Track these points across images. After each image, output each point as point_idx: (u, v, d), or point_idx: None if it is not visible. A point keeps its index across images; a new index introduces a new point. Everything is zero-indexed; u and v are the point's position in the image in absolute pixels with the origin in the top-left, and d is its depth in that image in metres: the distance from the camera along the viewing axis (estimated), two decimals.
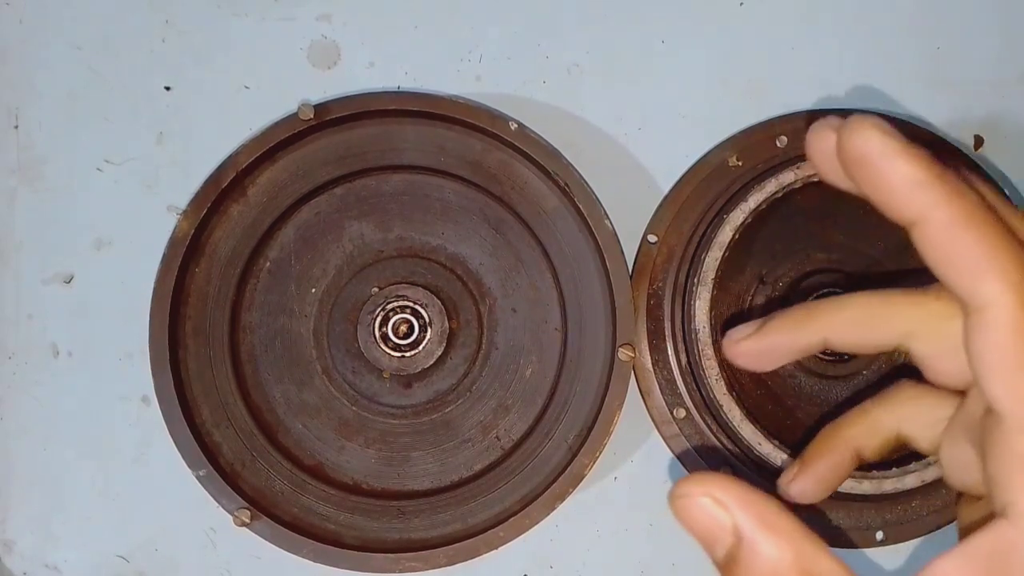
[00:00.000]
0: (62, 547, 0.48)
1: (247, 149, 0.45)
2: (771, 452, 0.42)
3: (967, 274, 0.22)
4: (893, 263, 0.48)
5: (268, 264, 0.47)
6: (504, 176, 0.47)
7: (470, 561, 0.43)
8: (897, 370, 0.47)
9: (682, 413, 0.46)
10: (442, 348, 0.46)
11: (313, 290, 0.47)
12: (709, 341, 0.43)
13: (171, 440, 0.44)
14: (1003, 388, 0.21)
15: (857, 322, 0.27)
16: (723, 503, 0.22)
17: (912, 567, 0.47)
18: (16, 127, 0.49)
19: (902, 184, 0.22)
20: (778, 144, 0.48)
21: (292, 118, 0.45)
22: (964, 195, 0.22)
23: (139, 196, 0.48)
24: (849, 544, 0.46)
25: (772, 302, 0.47)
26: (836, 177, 0.25)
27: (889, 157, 0.22)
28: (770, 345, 0.29)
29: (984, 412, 0.23)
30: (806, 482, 0.32)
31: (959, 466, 0.26)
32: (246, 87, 0.49)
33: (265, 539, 0.43)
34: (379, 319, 0.46)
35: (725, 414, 0.42)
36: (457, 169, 0.47)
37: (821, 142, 0.24)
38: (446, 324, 0.46)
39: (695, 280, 0.44)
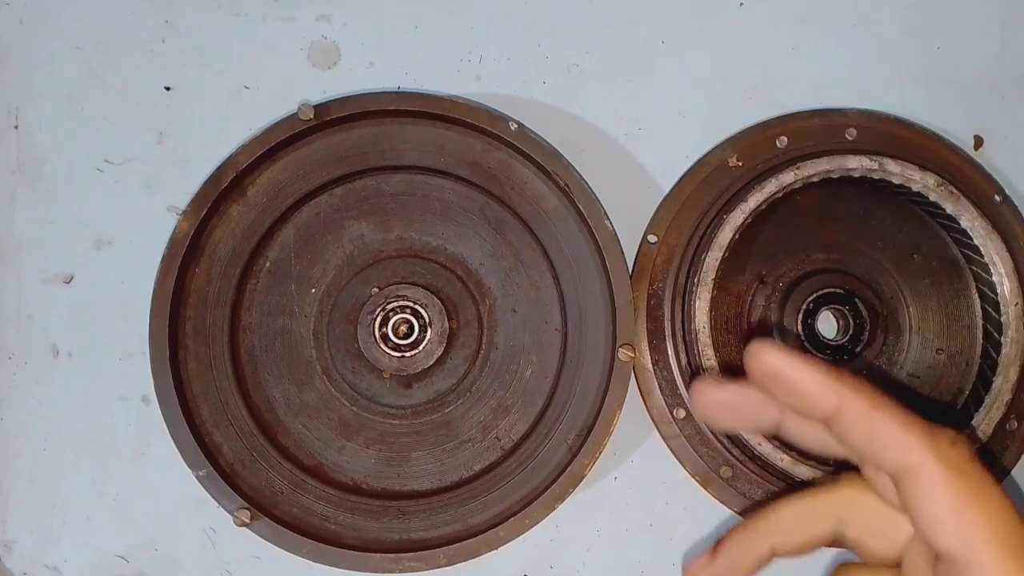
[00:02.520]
0: (62, 547, 0.48)
1: (247, 149, 0.45)
2: (771, 452, 0.42)
3: (890, 449, 0.25)
4: (893, 263, 0.48)
5: (268, 264, 0.47)
6: (504, 176, 0.47)
7: (470, 561, 0.43)
8: (894, 369, 0.47)
9: (682, 413, 0.46)
10: (442, 348, 0.46)
11: (313, 290, 0.47)
12: (709, 341, 0.43)
13: (171, 440, 0.44)
14: (951, 536, 0.25)
15: (793, 528, 0.29)
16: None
17: None
18: (16, 127, 0.49)
19: (813, 387, 0.26)
20: (778, 144, 0.48)
21: (292, 118, 0.45)
22: (864, 388, 0.26)
23: (139, 196, 0.48)
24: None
25: (772, 302, 0.47)
26: (721, 421, 0.29)
27: (796, 368, 0.26)
28: (726, 570, 0.30)
29: (935, 564, 0.26)
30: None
31: None
32: (246, 87, 0.49)
33: (265, 539, 0.43)
34: (379, 319, 0.46)
35: None
36: (457, 169, 0.47)
37: (702, 395, 0.29)
38: (446, 324, 0.46)
39: (695, 280, 0.44)
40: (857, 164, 0.43)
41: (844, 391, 0.26)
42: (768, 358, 0.27)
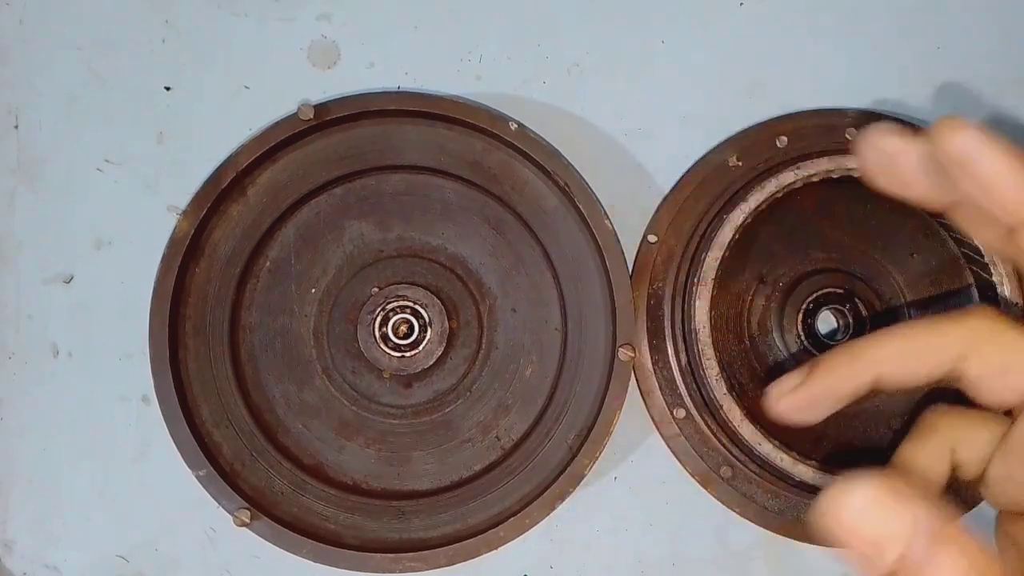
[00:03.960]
0: (62, 547, 0.48)
1: (247, 149, 0.45)
2: (771, 452, 0.42)
3: None
4: (893, 263, 0.48)
5: (268, 264, 0.47)
6: (504, 176, 0.47)
7: (470, 561, 0.43)
8: None
9: (682, 413, 0.46)
10: (442, 348, 0.46)
11: (313, 290, 0.47)
12: (709, 341, 0.43)
13: (171, 440, 0.44)
14: None
15: (908, 354, 0.25)
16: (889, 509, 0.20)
17: None
18: (16, 127, 0.49)
19: (1010, 185, 0.22)
20: (778, 144, 0.48)
21: (292, 118, 0.45)
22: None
23: (139, 196, 0.48)
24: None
25: (772, 302, 0.47)
26: (891, 181, 0.25)
27: (994, 160, 0.22)
28: (819, 394, 0.27)
29: None
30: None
31: (1008, 482, 0.26)
32: (246, 87, 0.49)
33: (265, 539, 0.43)
34: (379, 319, 0.46)
35: (725, 414, 0.42)
36: (457, 169, 0.47)
37: (878, 146, 0.24)
38: (446, 324, 0.46)
39: (695, 280, 0.44)
40: (857, 164, 0.43)
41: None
42: (963, 141, 0.22)
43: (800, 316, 0.47)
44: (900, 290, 0.48)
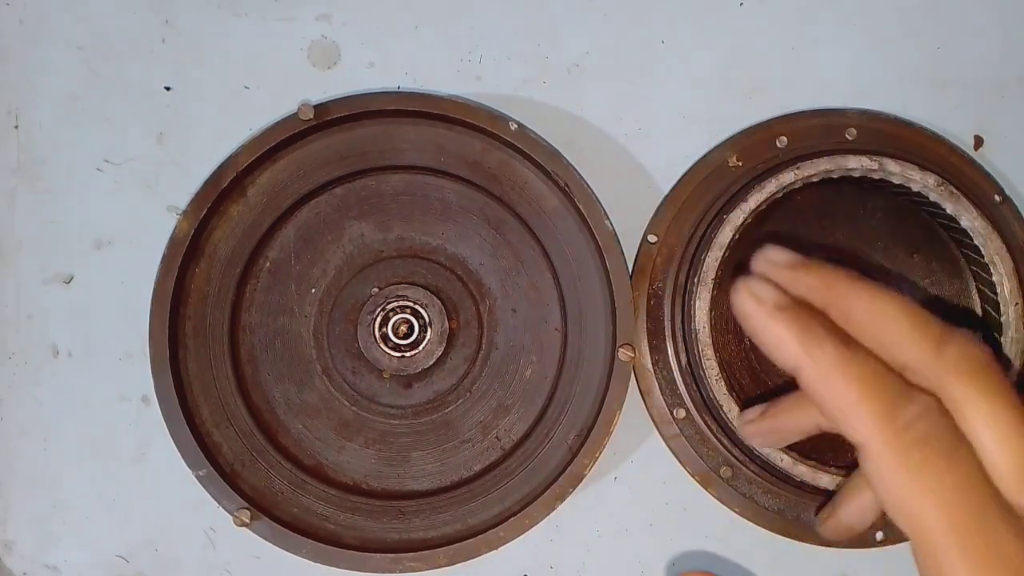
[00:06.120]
0: (62, 547, 0.48)
1: (247, 149, 0.45)
2: (771, 452, 0.42)
3: (840, 420, 0.25)
4: (893, 263, 0.48)
5: (268, 264, 0.47)
6: (504, 176, 0.47)
7: (470, 561, 0.43)
8: None
9: (682, 413, 0.46)
10: (442, 348, 0.46)
11: (313, 290, 0.47)
12: (709, 341, 0.43)
13: (171, 440, 0.44)
14: (901, 521, 0.25)
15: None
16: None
17: (912, 567, 0.47)
18: (16, 127, 0.49)
19: (774, 343, 0.26)
20: (778, 144, 0.48)
21: (292, 118, 0.45)
22: (823, 347, 0.25)
23: (139, 196, 0.48)
24: (849, 544, 0.46)
25: None
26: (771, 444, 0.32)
27: (761, 318, 0.26)
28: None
29: None
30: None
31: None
32: (246, 87, 0.49)
33: (265, 539, 0.43)
34: (379, 319, 0.46)
35: (725, 414, 0.42)
36: (457, 169, 0.47)
37: (746, 430, 0.31)
38: (446, 324, 0.46)
39: (695, 280, 0.44)
40: (857, 164, 0.43)
41: (800, 352, 0.26)
42: (740, 302, 0.27)
43: None
44: (900, 290, 0.48)
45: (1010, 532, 0.24)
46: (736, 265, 0.45)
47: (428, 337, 0.46)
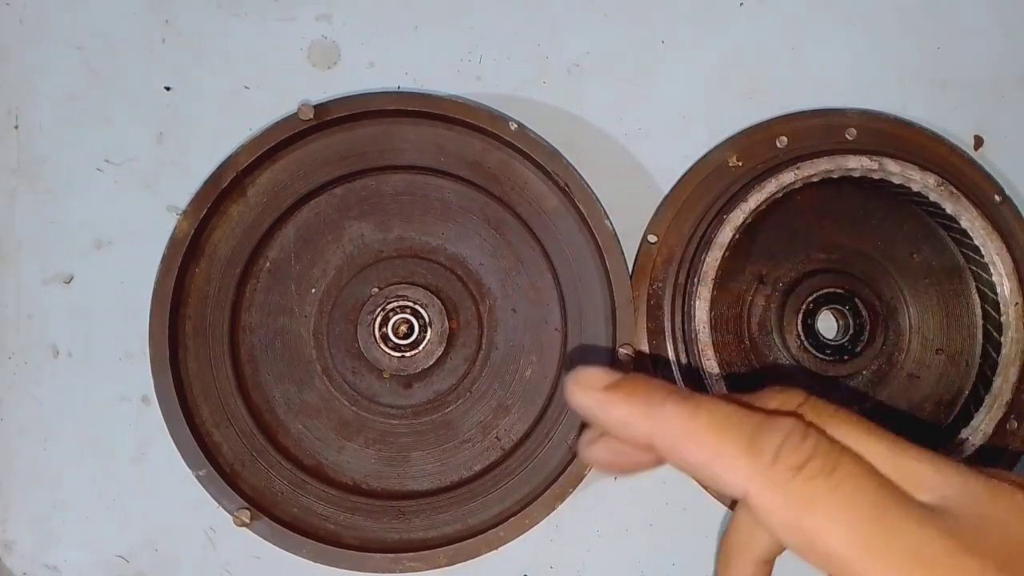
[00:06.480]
0: (62, 547, 0.48)
1: (247, 149, 0.45)
2: None
3: (712, 478, 0.24)
4: (893, 263, 0.48)
5: (268, 264, 0.47)
6: (504, 176, 0.47)
7: (470, 561, 0.43)
8: (894, 369, 0.47)
9: None
10: (442, 348, 0.46)
11: (313, 290, 0.47)
12: (709, 341, 0.43)
13: (171, 440, 0.44)
14: (805, 554, 0.23)
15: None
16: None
17: None
18: (16, 127, 0.49)
19: (620, 426, 0.26)
20: (778, 144, 0.48)
21: (292, 118, 0.45)
22: (664, 408, 0.25)
23: (139, 196, 0.48)
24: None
25: (772, 302, 0.47)
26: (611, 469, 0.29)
27: (598, 404, 0.26)
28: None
29: None
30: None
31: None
32: (246, 87, 0.49)
33: (265, 539, 0.43)
34: (379, 319, 0.46)
35: None
36: (457, 169, 0.47)
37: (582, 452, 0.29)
38: (446, 324, 0.46)
39: (695, 280, 0.44)
40: (857, 164, 0.43)
41: (646, 429, 0.25)
42: (574, 398, 0.26)
43: (800, 316, 0.47)
44: (900, 290, 0.48)
45: (922, 526, 0.23)
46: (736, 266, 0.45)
47: (428, 337, 0.46)
